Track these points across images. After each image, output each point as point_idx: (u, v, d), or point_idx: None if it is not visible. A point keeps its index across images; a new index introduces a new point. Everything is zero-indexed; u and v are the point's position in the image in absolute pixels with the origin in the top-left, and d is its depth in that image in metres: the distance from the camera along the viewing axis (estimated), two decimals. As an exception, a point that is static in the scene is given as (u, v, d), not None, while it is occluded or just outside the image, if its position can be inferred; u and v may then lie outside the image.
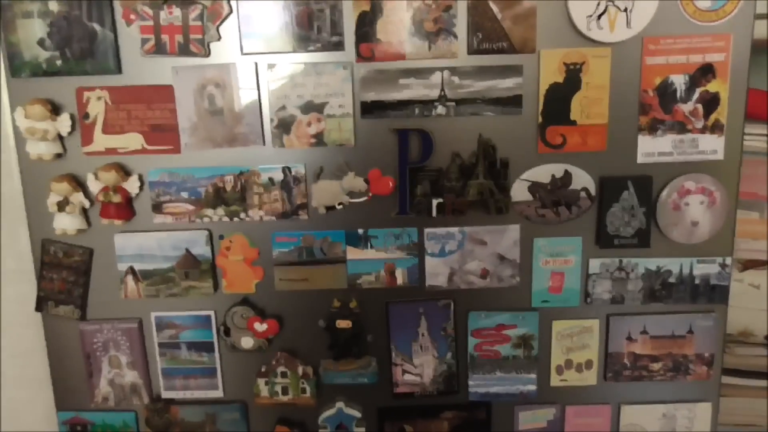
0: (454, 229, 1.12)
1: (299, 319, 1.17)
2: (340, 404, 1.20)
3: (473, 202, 1.10)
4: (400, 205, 1.10)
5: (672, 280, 1.14)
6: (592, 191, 1.10)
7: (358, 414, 1.20)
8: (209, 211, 1.12)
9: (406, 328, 1.17)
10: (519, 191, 1.10)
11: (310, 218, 1.12)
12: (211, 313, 1.17)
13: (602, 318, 1.17)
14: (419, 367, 1.19)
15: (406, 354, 1.18)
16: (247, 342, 1.17)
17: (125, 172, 1.10)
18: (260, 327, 1.15)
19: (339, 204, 1.10)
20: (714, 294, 1.15)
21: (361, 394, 1.21)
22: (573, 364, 1.19)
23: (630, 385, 1.20)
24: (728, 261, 1.14)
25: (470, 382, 1.19)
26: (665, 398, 1.21)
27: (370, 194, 1.10)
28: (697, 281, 1.14)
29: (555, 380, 1.20)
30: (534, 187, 1.10)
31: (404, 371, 1.19)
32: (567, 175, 1.10)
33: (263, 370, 1.18)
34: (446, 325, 1.17)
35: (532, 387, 1.19)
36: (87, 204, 1.11)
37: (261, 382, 1.18)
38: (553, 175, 1.10)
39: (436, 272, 1.14)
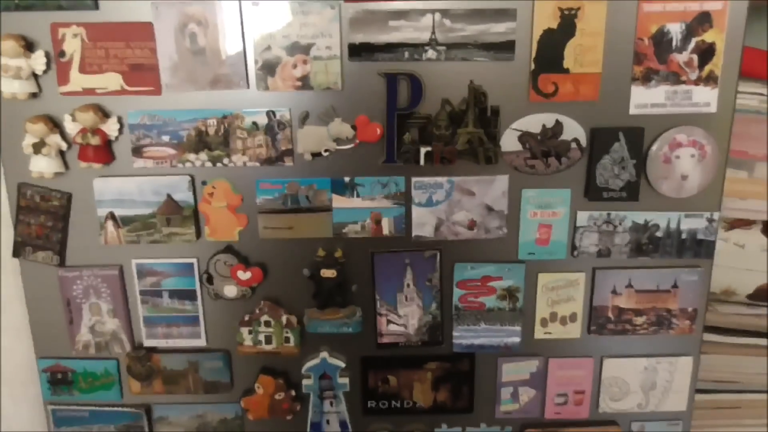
0: (442, 179, 1.10)
1: (283, 267, 1.16)
2: (324, 354, 1.19)
3: (462, 151, 1.08)
4: (387, 152, 1.08)
5: (659, 234, 1.14)
6: (583, 142, 1.09)
7: (342, 364, 1.20)
8: (191, 156, 1.09)
9: (392, 279, 1.16)
10: (509, 141, 1.08)
11: (296, 165, 1.09)
12: (194, 260, 1.15)
13: (588, 271, 1.17)
14: (404, 318, 1.18)
15: (390, 304, 1.17)
16: (230, 290, 1.15)
17: (104, 113, 1.06)
18: (244, 275, 1.14)
19: (325, 150, 1.08)
20: (700, 248, 1.15)
21: (345, 344, 1.20)
22: (557, 317, 1.19)
23: (613, 339, 1.20)
24: (716, 216, 1.13)
25: (454, 334, 1.19)
26: (647, 352, 1.22)
27: (357, 141, 1.07)
28: (683, 236, 1.14)
29: (539, 333, 1.20)
30: (524, 137, 1.08)
31: (389, 321, 1.18)
32: (558, 125, 1.08)
33: (246, 318, 1.17)
34: (432, 276, 1.16)
35: (516, 339, 1.19)
36: (64, 146, 1.08)
37: (244, 330, 1.17)
38: (543, 125, 1.07)
39: (423, 222, 1.12)
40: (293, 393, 1.21)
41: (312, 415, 1.23)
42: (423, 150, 1.07)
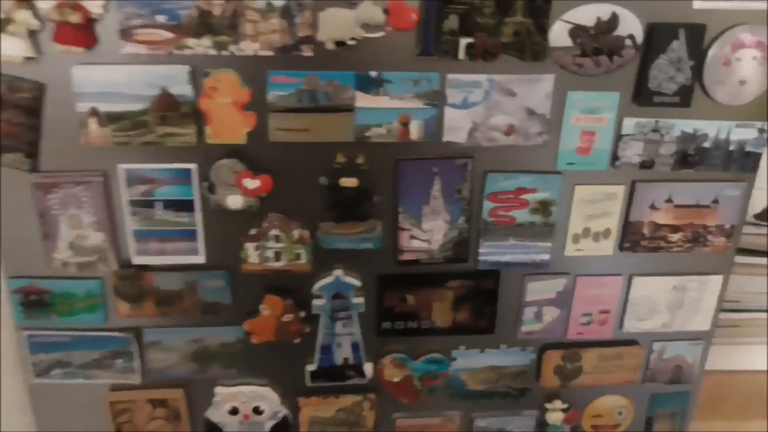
0: (482, 77, 0.97)
1: (296, 176, 1.02)
2: (338, 272, 1.08)
3: (507, 44, 0.95)
4: (423, 43, 0.94)
5: (707, 144, 1.05)
6: (639, 39, 0.97)
7: (357, 283, 1.09)
8: (192, 41, 0.92)
9: (417, 190, 1.04)
10: (558, 35, 0.96)
11: (316, 55, 0.94)
12: (193, 166, 1.00)
13: (627, 184, 1.08)
14: (428, 233, 1.07)
15: (414, 218, 1.06)
16: (234, 201, 1.01)
17: (85, -17, 0.88)
18: (251, 184, 1.00)
19: (351, 39, 0.93)
20: (747, 161, 1.07)
21: (361, 261, 1.09)
22: (590, 232, 1.11)
23: (645, 257, 1.14)
24: (766, 126, 1.05)
25: (481, 250, 1.10)
26: (677, 270, 1.16)
27: (389, 28, 0.92)
28: (732, 147, 1.06)
29: (570, 249, 1.12)
30: (575, 31, 0.96)
31: (411, 237, 1.07)
32: (614, 18, 0.95)
33: (253, 233, 1.04)
34: (462, 187, 1.05)
35: (546, 256, 1.11)
36: (35, 24, 0.89)
37: (250, 246, 1.05)
38: (598, 18, 0.95)
39: (456, 126, 1.00)
40: (303, 314, 1.10)
41: (322, 338, 1.13)
42: (463, 41, 0.94)
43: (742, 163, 1.07)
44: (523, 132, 1.01)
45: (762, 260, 1.48)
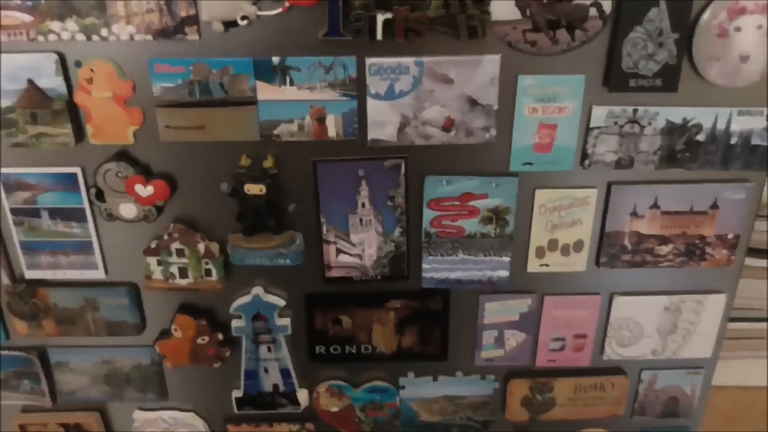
0: (409, 60, 0.79)
1: (198, 181, 0.87)
2: (257, 290, 0.93)
3: (436, 19, 0.76)
4: (330, 21, 0.76)
5: (701, 137, 0.84)
6: (607, 8, 0.77)
7: (281, 302, 0.94)
8: (55, 25, 0.77)
9: (341, 196, 0.88)
10: (502, 6, 0.77)
11: (203, 39, 0.78)
12: (77, 170, 0.86)
13: (602, 187, 0.89)
14: (358, 246, 0.91)
15: (341, 229, 0.90)
16: (127, 210, 0.87)
17: None
18: (144, 190, 0.85)
19: (242, 18, 0.76)
20: (753, 157, 0.86)
21: (286, 277, 0.94)
22: (558, 245, 0.92)
23: (628, 272, 0.94)
24: (778, 113, 0.84)
25: (424, 266, 0.93)
26: (669, 288, 0.96)
27: (286, 4, 0.75)
28: (733, 139, 0.85)
29: (533, 265, 0.93)
30: (524, 1, 0.76)
31: (339, 251, 0.91)
32: (573, -18, 0.76)
33: (153, 246, 0.90)
34: (395, 193, 0.87)
35: (504, 273, 0.93)
36: None
37: (152, 261, 0.91)
38: (552, -19, 0.76)
39: (382, 121, 0.83)
40: (220, 336, 0.96)
41: (246, 362, 0.99)
42: (381, 17, 0.76)
43: (747, 159, 0.86)
44: (464, 127, 0.83)
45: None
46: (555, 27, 0.78)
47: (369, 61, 0.79)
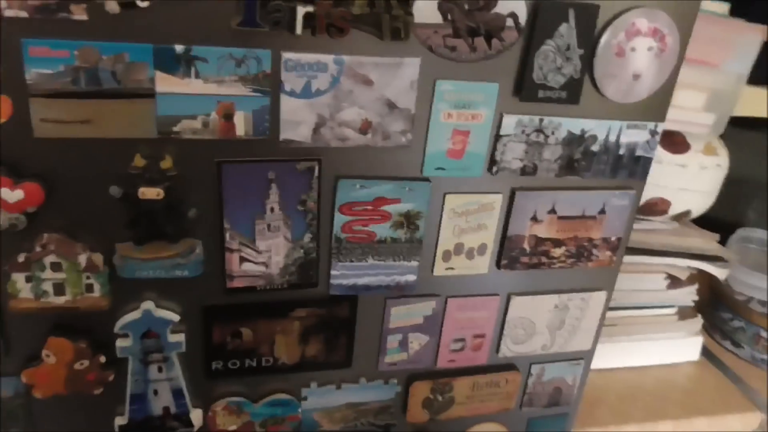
0: (328, 57, 0.75)
1: (80, 183, 0.75)
2: (147, 305, 0.83)
3: (360, 17, 0.73)
4: (246, 9, 0.70)
5: (595, 147, 0.90)
6: (522, 19, 0.79)
7: (174, 317, 0.85)
8: None
9: (249, 201, 0.81)
10: (425, 9, 0.75)
11: (92, 19, 0.67)
12: None
13: (506, 193, 0.91)
14: (264, 254, 0.85)
15: (246, 236, 0.83)
16: (-11, 217, 0.73)
17: None
18: (11, 195, 0.72)
19: (143, -2, 0.67)
20: (636, 167, 0.94)
21: (181, 289, 0.85)
22: (464, 248, 0.93)
23: (525, 274, 0.98)
24: (659, 128, 0.92)
25: (333, 272, 0.89)
26: (558, 287, 1.02)
27: (197, -13, 0.68)
28: (621, 150, 0.91)
29: (440, 269, 0.94)
30: (447, 5, 0.76)
31: (243, 259, 0.84)
32: (493, -9, 0.76)
33: (21, 260, 0.76)
34: (306, 197, 0.83)
35: (412, 277, 0.92)
36: None
37: (19, 278, 0.77)
38: (474, -12, 0.76)
39: (297, 120, 0.78)
40: (103, 359, 0.85)
41: (132, 386, 0.88)
42: (302, 10, 0.71)
43: (632, 169, 0.93)
44: (381, 130, 0.81)
45: (637, 258, 1.38)
46: (474, 34, 0.78)
47: (285, 55, 0.74)
